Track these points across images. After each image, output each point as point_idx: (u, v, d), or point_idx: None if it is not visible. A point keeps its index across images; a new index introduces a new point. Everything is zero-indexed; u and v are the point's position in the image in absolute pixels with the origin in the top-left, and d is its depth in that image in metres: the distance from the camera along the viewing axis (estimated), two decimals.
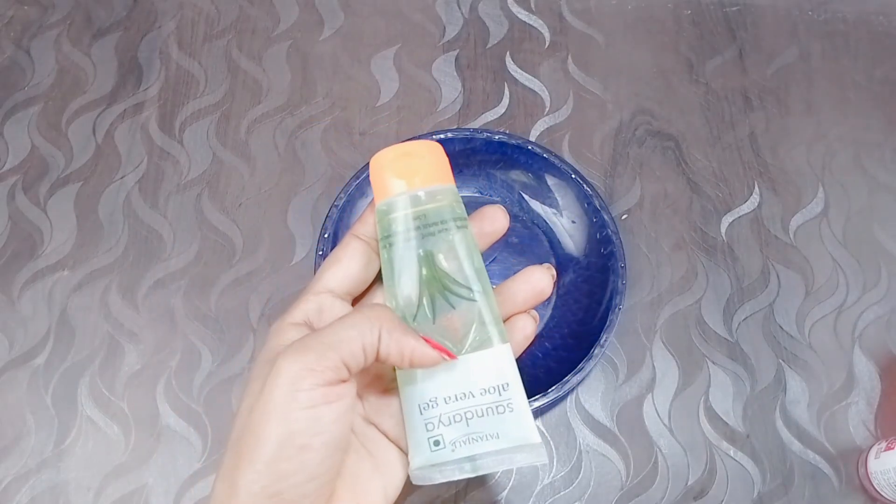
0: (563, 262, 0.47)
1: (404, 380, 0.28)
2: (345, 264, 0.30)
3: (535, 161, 0.47)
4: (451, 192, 0.29)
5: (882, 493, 0.42)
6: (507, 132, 0.47)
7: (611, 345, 0.46)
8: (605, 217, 0.45)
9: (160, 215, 0.48)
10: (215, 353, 0.45)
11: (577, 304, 0.46)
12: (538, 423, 0.44)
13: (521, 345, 0.31)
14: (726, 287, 0.48)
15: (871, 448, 0.43)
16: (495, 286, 0.31)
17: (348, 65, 0.54)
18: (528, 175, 0.48)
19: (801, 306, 0.48)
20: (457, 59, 0.55)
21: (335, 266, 0.30)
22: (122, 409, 0.43)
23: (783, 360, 0.46)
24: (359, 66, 0.54)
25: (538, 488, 0.43)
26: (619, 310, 0.42)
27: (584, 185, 0.46)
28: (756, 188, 0.51)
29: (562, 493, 0.43)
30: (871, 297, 0.49)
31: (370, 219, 0.30)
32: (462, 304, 0.28)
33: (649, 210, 0.50)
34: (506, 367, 0.28)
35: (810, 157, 0.53)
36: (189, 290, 0.46)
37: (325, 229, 0.44)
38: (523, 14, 0.57)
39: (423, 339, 0.27)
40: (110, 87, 0.52)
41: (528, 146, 0.46)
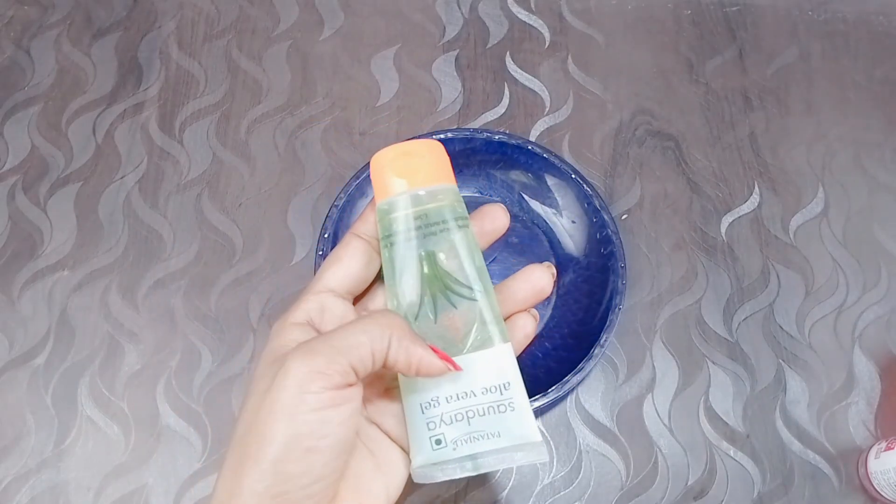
0: (563, 262, 0.47)
1: (406, 379, 0.28)
2: (345, 263, 0.30)
3: (535, 161, 0.47)
4: (452, 191, 0.29)
5: (882, 493, 0.42)
6: (507, 132, 0.47)
7: (611, 345, 0.46)
8: (605, 217, 0.45)
9: (160, 215, 0.48)
10: (215, 353, 0.45)
11: (577, 304, 0.46)
12: (538, 422, 0.44)
13: (522, 343, 0.31)
14: (726, 287, 0.48)
15: (871, 448, 0.43)
16: (495, 285, 0.31)
17: (348, 65, 0.54)
18: (528, 175, 0.48)
19: (801, 306, 0.48)
20: (457, 59, 0.55)
21: (336, 265, 0.30)
22: (122, 409, 0.43)
23: (783, 360, 0.46)
24: (359, 66, 0.54)
25: (538, 488, 0.43)
26: (619, 310, 0.42)
27: (584, 185, 0.46)
28: (756, 188, 0.51)
29: (562, 493, 0.43)
30: (871, 297, 0.49)
31: (371, 217, 0.30)
32: (464, 304, 0.28)
33: (649, 210, 0.50)
34: (507, 366, 0.28)
35: (810, 157, 0.53)
36: (189, 290, 0.46)
37: (325, 229, 0.44)
38: (523, 14, 0.57)
39: (430, 348, 0.27)
40: (110, 87, 0.52)
41: (528, 146, 0.46)
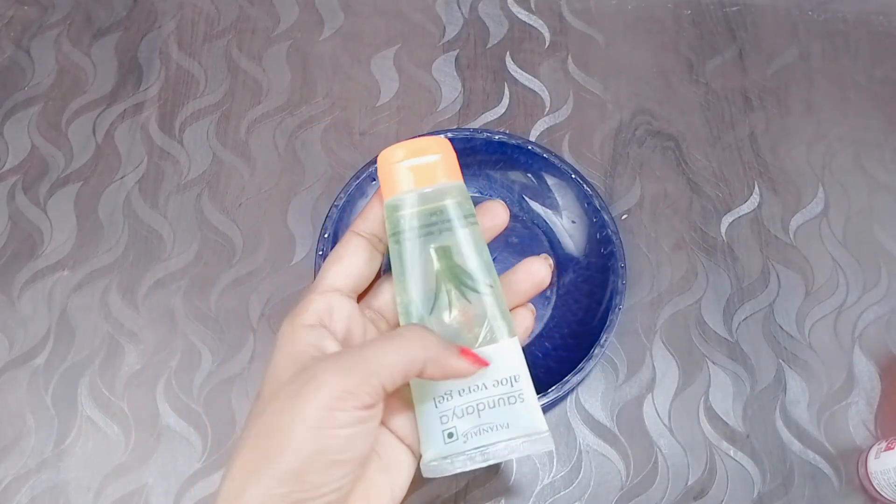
0: (563, 262, 0.47)
1: None
2: (347, 262, 0.30)
3: (535, 161, 0.47)
4: (459, 188, 0.30)
5: (882, 493, 0.42)
6: (507, 132, 0.47)
7: (611, 345, 0.46)
8: (605, 217, 0.45)
9: (160, 215, 0.48)
10: (215, 353, 0.45)
11: (577, 304, 0.46)
12: None
13: (522, 337, 0.31)
14: (726, 287, 0.48)
15: (871, 448, 0.43)
16: None
17: (348, 65, 0.54)
18: (528, 175, 0.48)
19: (801, 306, 0.48)
20: (457, 59, 0.55)
21: (338, 264, 0.30)
22: (122, 409, 0.43)
23: (783, 360, 0.46)
24: (359, 66, 0.54)
25: (538, 488, 0.43)
26: (619, 310, 0.42)
27: (584, 185, 0.46)
28: (756, 188, 0.51)
29: (562, 493, 0.43)
30: (871, 297, 0.49)
31: (370, 215, 0.30)
32: (475, 299, 0.29)
33: (649, 210, 0.50)
34: (516, 358, 0.29)
35: (810, 157, 0.53)
36: (189, 290, 0.46)
37: (325, 229, 0.44)
38: (523, 14, 0.57)
39: (461, 351, 0.27)
40: (110, 87, 0.52)
41: (528, 146, 0.46)
